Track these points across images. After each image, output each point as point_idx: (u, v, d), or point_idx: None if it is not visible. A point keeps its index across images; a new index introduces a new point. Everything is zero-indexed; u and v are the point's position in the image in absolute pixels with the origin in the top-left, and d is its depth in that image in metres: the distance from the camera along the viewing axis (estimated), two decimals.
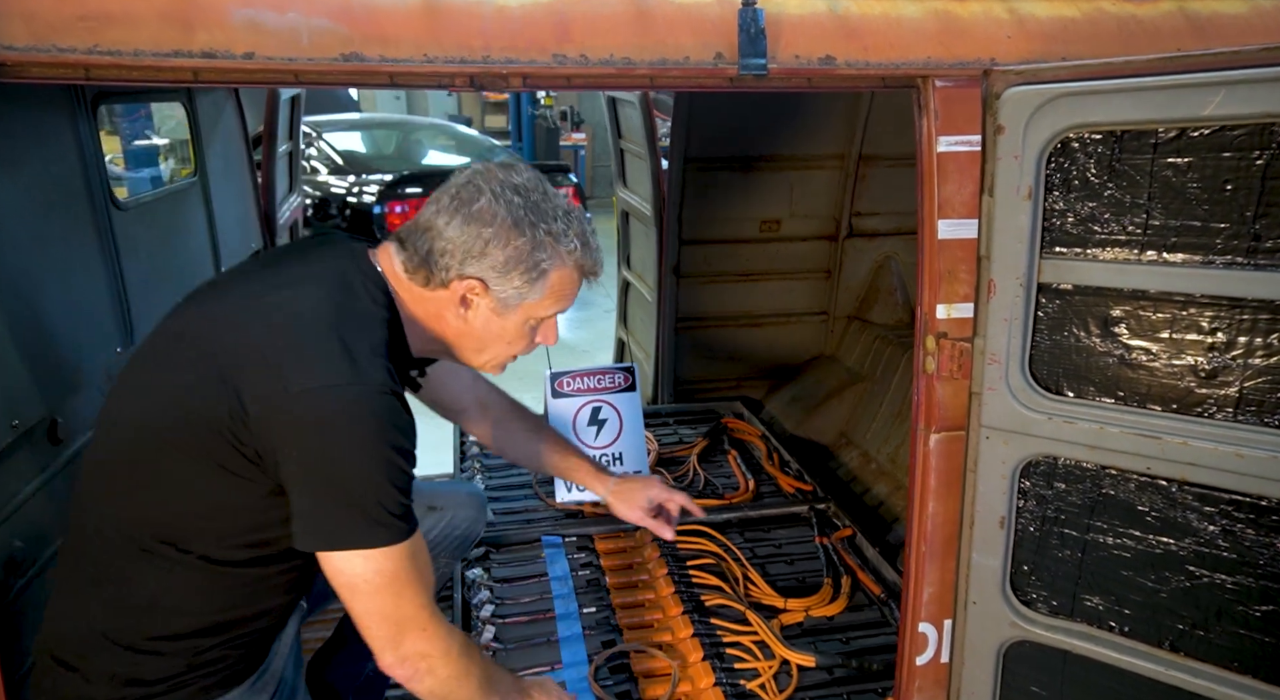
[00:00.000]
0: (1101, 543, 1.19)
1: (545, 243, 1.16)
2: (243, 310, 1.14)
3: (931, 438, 1.34)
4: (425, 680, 1.15)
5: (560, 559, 2.18)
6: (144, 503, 1.11)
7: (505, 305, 1.19)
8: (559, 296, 1.22)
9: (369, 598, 1.09)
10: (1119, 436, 1.11)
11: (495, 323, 1.21)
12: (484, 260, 1.15)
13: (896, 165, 3.23)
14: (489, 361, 1.27)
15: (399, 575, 1.09)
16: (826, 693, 1.70)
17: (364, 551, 1.07)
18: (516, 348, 1.26)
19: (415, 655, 1.13)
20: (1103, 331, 1.11)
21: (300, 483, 1.06)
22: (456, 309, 1.19)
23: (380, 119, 9.94)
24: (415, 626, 1.12)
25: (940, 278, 1.28)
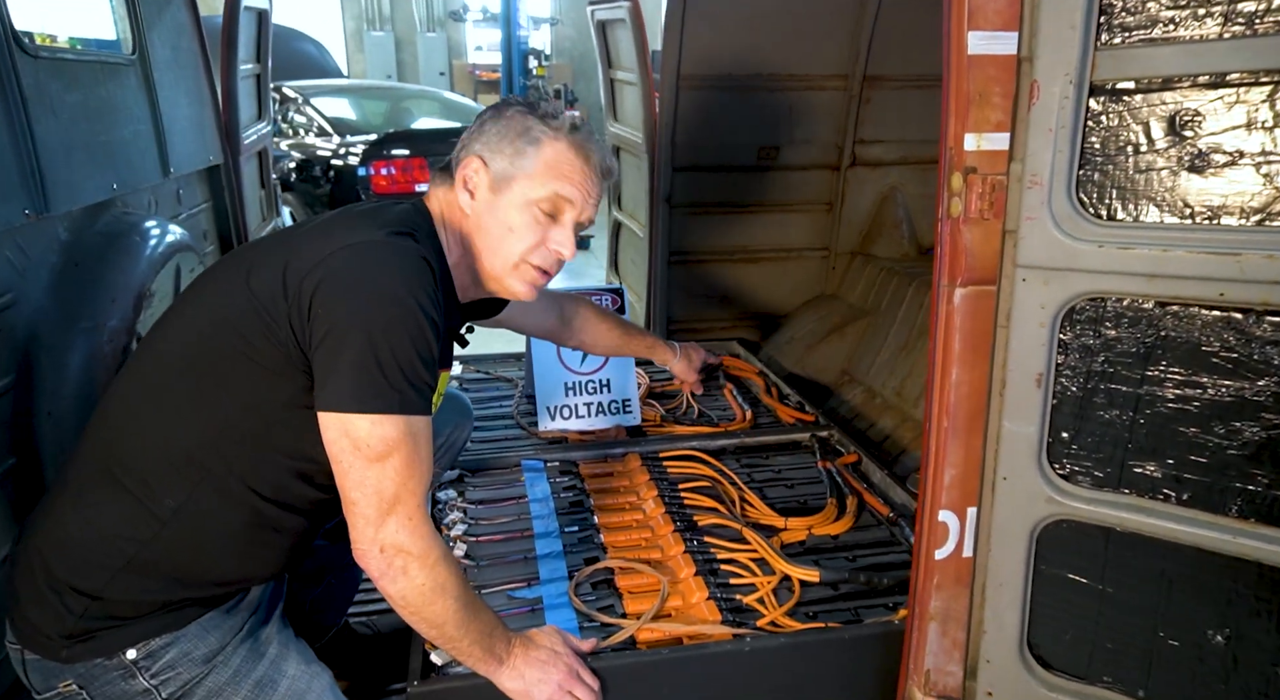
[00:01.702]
0: (1157, 397, 1.02)
1: (537, 120, 1.23)
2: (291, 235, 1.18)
3: (956, 294, 1.16)
4: (398, 581, 1.09)
5: (541, 482, 2.01)
6: (188, 421, 1.09)
7: (501, 180, 1.22)
8: (556, 174, 1.22)
9: (365, 467, 1.04)
10: (1186, 259, 0.94)
11: (498, 207, 1.22)
12: (481, 137, 1.25)
13: (904, 87, 3.05)
14: (506, 264, 1.24)
15: (401, 450, 1.06)
16: (832, 607, 1.54)
17: (374, 416, 1.03)
18: (526, 240, 1.23)
19: (393, 547, 1.07)
20: (1169, 134, 0.94)
21: (325, 338, 1.03)
22: (462, 195, 1.24)
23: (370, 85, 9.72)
24: (403, 513, 1.07)
25: (969, 102, 1.10)
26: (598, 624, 1.47)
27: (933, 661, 1.31)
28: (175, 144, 2.06)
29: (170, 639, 1.10)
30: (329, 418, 1.05)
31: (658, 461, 2.11)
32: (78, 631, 1.07)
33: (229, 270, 1.16)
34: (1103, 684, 1.13)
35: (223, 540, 1.12)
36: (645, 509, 1.87)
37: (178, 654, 1.10)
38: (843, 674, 1.41)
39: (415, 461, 1.07)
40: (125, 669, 1.08)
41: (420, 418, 1.08)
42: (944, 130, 1.14)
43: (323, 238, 1.11)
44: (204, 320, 1.11)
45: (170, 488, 1.08)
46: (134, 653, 1.08)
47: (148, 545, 1.08)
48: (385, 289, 1.04)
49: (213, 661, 1.12)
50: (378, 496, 1.06)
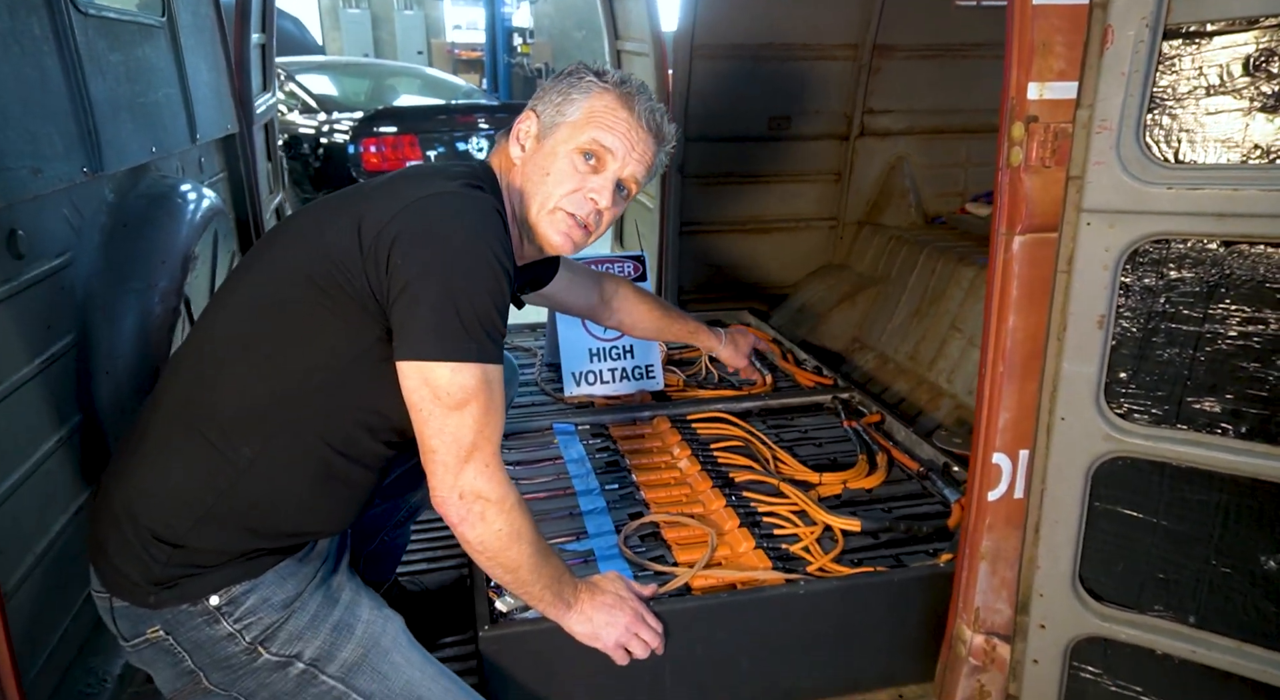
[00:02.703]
0: (1218, 334, 1.06)
1: (593, 75, 1.25)
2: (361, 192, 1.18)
3: (1016, 241, 1.20)
4: (476, 526, 1.11)
5: (575, 443, 2.04)
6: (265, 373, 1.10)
7: (548, 128, 1.23)
8: (597, 121, 1.21)
9: (445, 415, 1.06)
10: (1257, 197, 0.98)
11: (540, 153, 1.23)
12: (540, 95, 1.27)
13: (912, 57, 3.08)
14: (542, 208, 1.23)
15: (480, 398, 1.07)
16: (874, 555, 1.58)
17: (453, 364, 1.04)
18: (563, 184, 1.22)
19: (472, 494, 1.09)
20: (1243, 75, 0.97)
21: (404, 290, 1.03)
22: (515, 149, 1.25)
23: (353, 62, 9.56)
24: (480, 460, 1.09)
25: (1032, 51, 1.13)
26: (651, 573, 1.50)
27: (982, 600, 1.36)
28: (200, 110, 2.03)
29: (250, 586, 1.12)
30: (409, 366, 1.05)
31: (686, 423, 2.14)
32: (163, 579, 1.08)
33: (299, 227, 1.16)
34: (1154, 612, 1.18)
35: (295, 491, 1.13)
36: (681, 467, 1.90)
37: (257, 600, 1.12)
38: (893, 615, 1.45)
39: (492, 409, 1.08)
40: (209, 614, 1.10)
41: (495, 366, 1.09)
42: (1006, 80, 1.16)
43: (396, 192, 1.11)
44: (279, 275, 1.12)
45: (247, 438, 1.09)
46: (216, 599, 1.10)
47: (225, 495, 1.09)
48: (462, 238, 1.05)
49: (291, 607, 1.14)
50: (456, 444, 1.07)
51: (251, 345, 1.11)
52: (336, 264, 1.07)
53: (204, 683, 1.12)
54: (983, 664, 1.36)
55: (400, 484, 1.60)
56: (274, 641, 1.12)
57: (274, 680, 1.13)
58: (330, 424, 1.13)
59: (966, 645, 1.36)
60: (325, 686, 1.14)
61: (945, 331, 2.60)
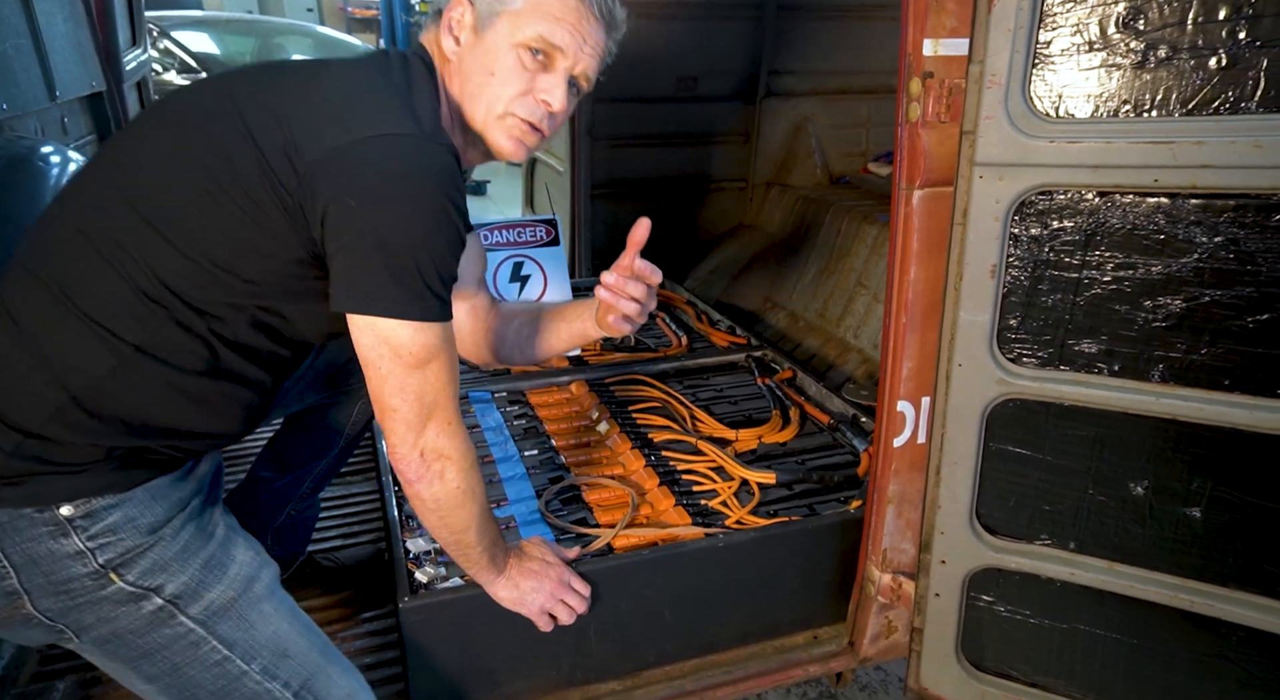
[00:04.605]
0: (1094, 279, 1.13)
1: None
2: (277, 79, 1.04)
3: (915, 195, 1.24)
4: (434, 484, 1.08)
5: (492, 412, 2.01)
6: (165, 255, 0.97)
7: (485, 19, 1.09)
8: (543, 13, 1.08)
9: (407, 373, 1.01)
10: (1126, 149, 1.04)
11: (479, 50, 1.09)
12: None
13: (814, 18, 3.12)
14: (490, 113, 1.10)
15: (442, 355, 1.03)
16: (789, 506, 1.64)
17: (418, 323, 0.99)
18: (509, 86, 1.09)
19: (434, 451, 1.06)
20: (1118, 32, 1.03)
21: (352, 237, 0.95)
22: (448, 43, 1.11)
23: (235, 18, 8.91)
24: (443, 417, 1.06)
25: (926, 8, 1.16)
26: (573, 535, 1.51)
27: (889, 541, 1.43)
28: (58, 65, 1.84)
29: (114, 500, 0.98)
30: (363, 321, 0.99)
31: (604, 387, 2.15)
32: (6, 473, 0.93)
33: (216, 105, 1.01)
34: (1040, 541, 1.27)
35: (180, 385, 1.01)
36: (600, 430, 1.91)
37: (121, 518, 0.98)
38: (807, 562, 1.51)
39: (452, 366, 1.06)
40: (57, 525, 0.95)
41: (451, 321, 1.05)
42: (903, 37, 1.19)
43: (337, 117, 0.97)
44: (197, 155, 0.98)
45: (133, 322, 0.97)
46: (69, 509, 0.95)
47: (100, 382, 0.96)
48: (424, 194, 0.96)
49: (159, 533, 1.01)
50: (419, 402, 1.03)
51: (155, 224, 0.97)
52: (269, 173, 0.95)
53: (27, 607, 0.96)
54: (890, 602, 1.43)
55: (303, 453, 1.54)
56: (131, 568, 0.99)
57: (120, 614, 0.99)
58: (227, 318, 1.02)
59: (875, 585, 1.44)
60: (182, 628, 1.01)
61: (852, 288, 2.69)
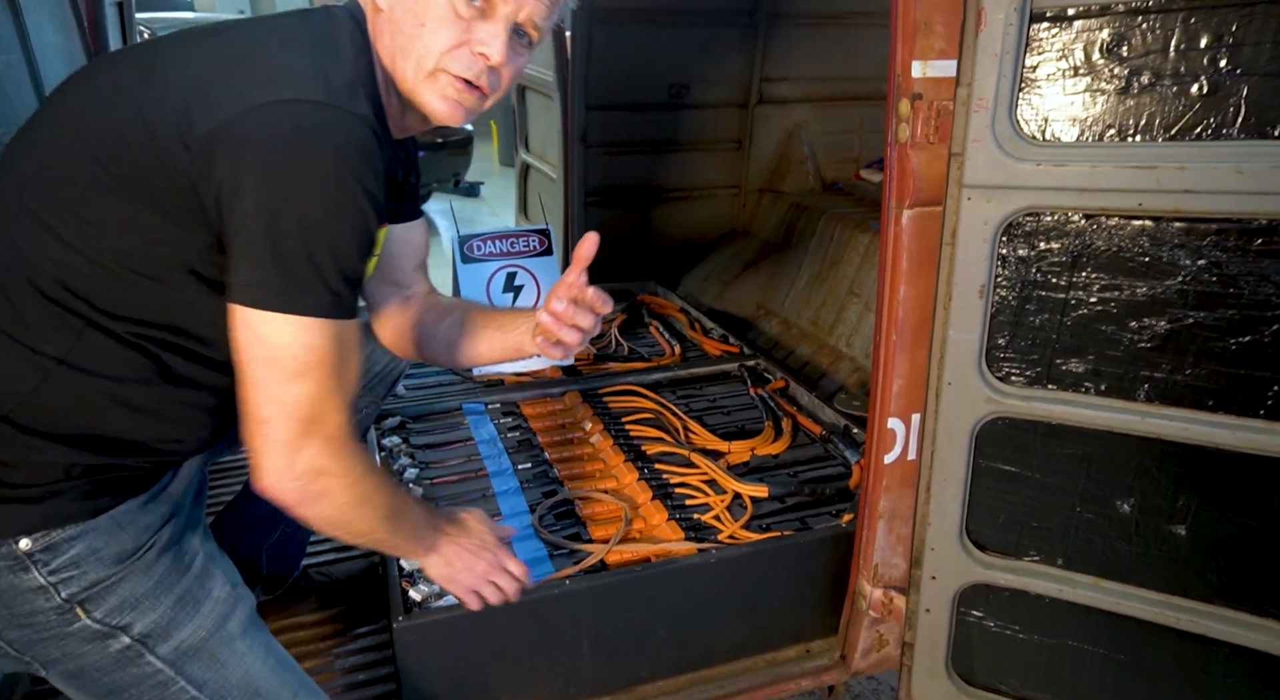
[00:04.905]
0: (1081, 300, 1.15)
1: None
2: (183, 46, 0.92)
3: (905, 214, 1.25)
4: (319, 505, 0.94)
5: (486, 424, 2.01)
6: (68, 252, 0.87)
7: None
8: None
9: (283, 383, 0.87)
10: (1111, 174, 1.05)
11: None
12: None
13: (805, 24, 3.12)
14: (420, 69, 0.96)
15: (329, 362, 0.88)
16: (781, 519, 1.65)
17: (299, 319, 0.85)
18: (441, 37, 0.94)
19: (311, 471, 0.91)
20: (1100, 59, 1.04)
21: (241, 219, 0.83)
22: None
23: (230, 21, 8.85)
24: (323, 435, 0.90)
25: (914, 30, 1.17)
26: (567, 551, 1.52)
27: (880, 557, 1.44)
28: (50, 78, 1.83)
29: (76, 531, 0.91)
30: (240, 315, 0.86)
31: (598, 398, 2.15)
32: None
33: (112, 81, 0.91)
34: (1029, 558, 1.29)
35: (123, 397, 0.92)
36: (593, 442, 1.92)
37: (84, 550, 0.92)
38: (799, 576, 1.52)
39: (343, 372, 0.90)
40: (16, 559, 0.89)
41: (351, 321, 0.91)
42: (892, 58, 1.20)
43: (238, 77, 0.86)
44: (88, 144, 0.88)
45: (53, 334, 0.88)
46: (28, 543, 0.89)
47: (32, 400, 0.88)
48: (325, 169, 0.84)
49: (127, 564, 0.94)
50: (296, 418, 0.88)
51: (51, 228, 0.87)
52: (161, 151, 0.84)
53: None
54: (881, 616, 1.45)
55: None
56: (99, 604, 0.93)
57: (86, 652, 0.94)
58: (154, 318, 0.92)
59: (867, 599, 1.45)
60: (150, 669, 0.96)
61: (844, 297, 2.70)
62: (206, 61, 0.88)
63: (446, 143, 6.62)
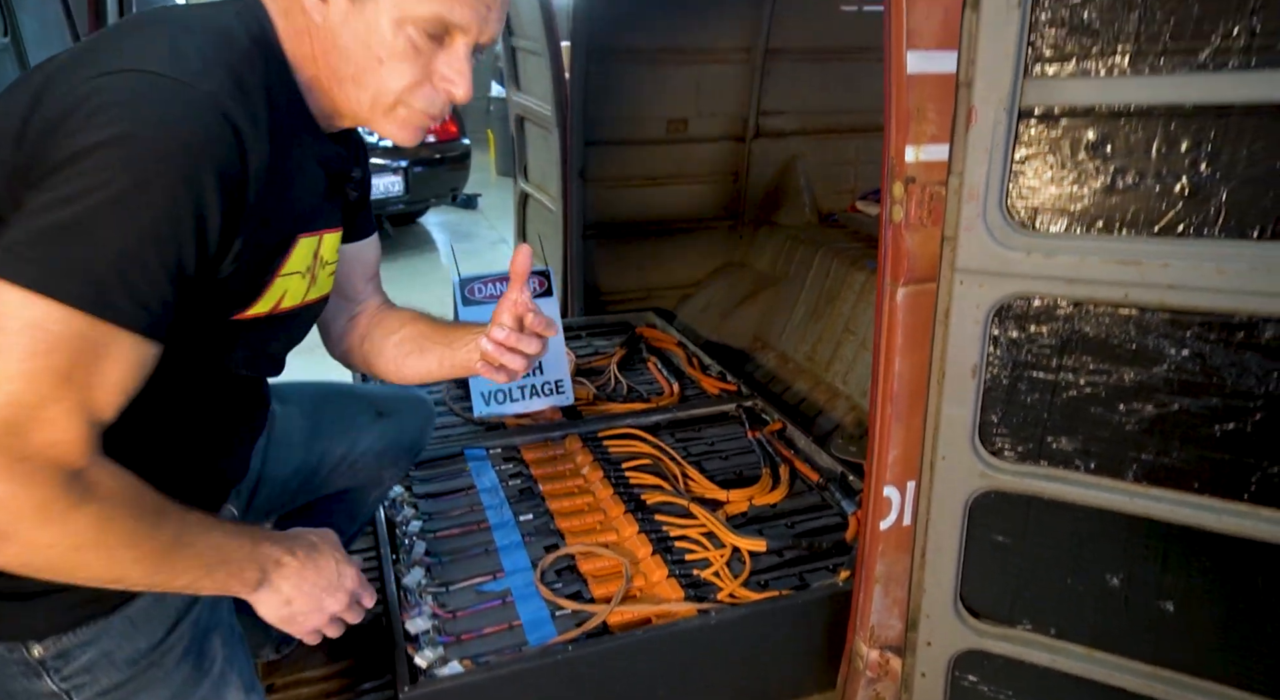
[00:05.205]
0: (1071, 382, 1.18)
1: None
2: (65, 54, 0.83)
3: (899, 292, 1.28)
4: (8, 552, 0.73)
5: (487, 471, 2.04)
6: None
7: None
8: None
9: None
10: (1098, 266, 1.08)
11: (357, 22, 0.85)
12: None
13: (802, 60, 3.16)
14: (376, 104, 0.90)
15: (59, 358, 0.70)
16: (779, 574, 1.68)
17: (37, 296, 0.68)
18: (402, 76, 0.88)
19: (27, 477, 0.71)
20: (1086, 156, 1.07)
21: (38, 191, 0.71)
22: (316, 10, 0.86)
23: None
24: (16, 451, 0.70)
25: (908, 117, 1.20)
26: (569, 612, 1.54)
27: (877, 618, 1.47)
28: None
29: (89, 635, 0.88)
30: None
31: (597, 441, 2.18)
32: None
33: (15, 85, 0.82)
34: (1022, 626, 1.32)
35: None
36: (594, 491, 1.94)
37: (97, 654, 0.89)
38: (798, 635, 1.55)
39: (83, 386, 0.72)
40: (29, 665, 0.87)
41: (129, 336, 0.74)
42: (886, 142, 1.23)
43: (97, 54, 0.77)
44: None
45: None
46: (40, 650, 0.87)
47: None
48: (137, 157, 0.71)
49: (142, 665, 0.91)
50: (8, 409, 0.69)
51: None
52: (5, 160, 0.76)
53: None
54: (878, 676, 1.47)
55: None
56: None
57: None
58: None
59: (864, 659, 1.47)
60: None
61: (840, 334, 2.73)
62: (76, 50, 0.81)
63: (445, 158, 6.65)
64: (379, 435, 1.44)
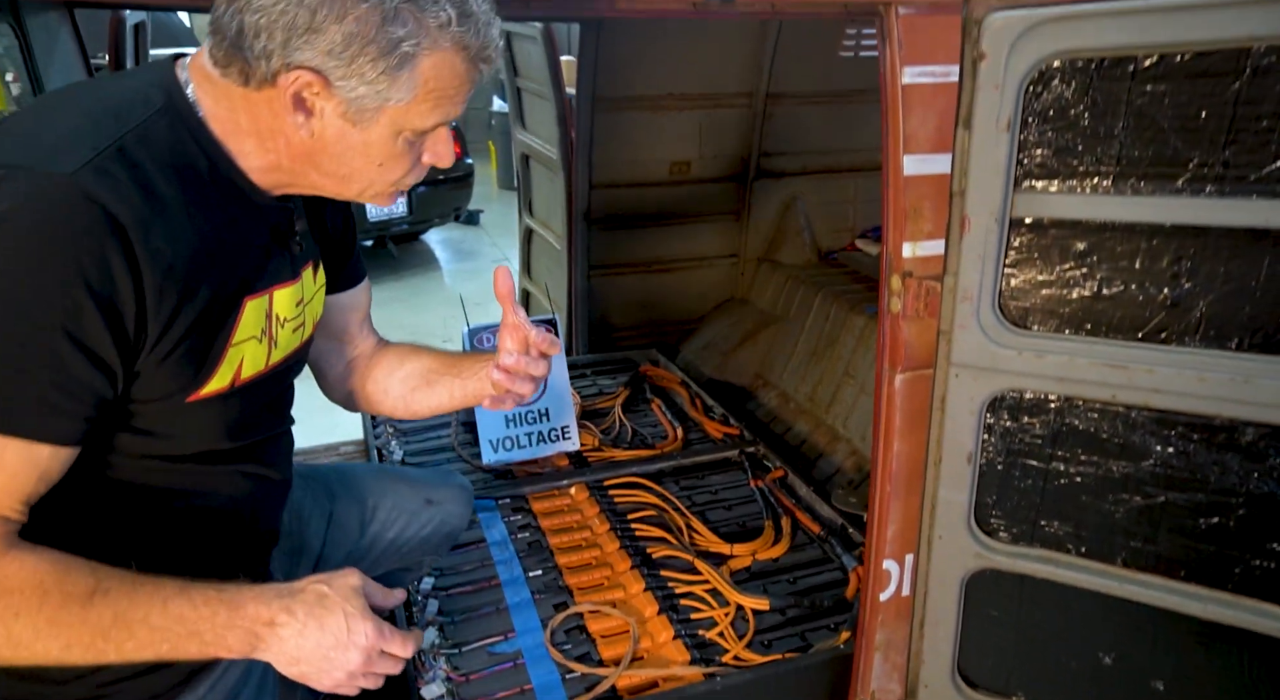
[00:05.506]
0: (1062, 471, 1.23)
1: (402, 12, 0.79)
2: None
3: (897, 378, 1.33)
4: None
5: (497, 523, 2.09)
6: None
7: (360, 110, 0.84)
8: (440, 97, 0.85)
9: None
10: (1087, 367, 1.14)
11: (353, 136, 0.86)
12: (315, 40, 0.79)
13: (803, 103, 3.22)
14: (366, 191, 0.93)
15: None
16: (782, 634, 1.73)
17: None
18: (395, 171, 0.90)
19: None
20: (1074, 265, 1.13)
21: None
22: (294, 117, 0.84)
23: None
24: None
25: (905, 215, 1.26)
26: (579, 674, 1.59)
27: (877, 684, 1.52)
28: None
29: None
30: None
31: (603, 490, 2.23)
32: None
33: None
34: (1017, 697, 1.37)
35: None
36: (601, 544, 1.99)
37: None
38: (801, 695, 1.60)
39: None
40: None
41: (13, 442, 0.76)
42: (885, 238, 1.28)
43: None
44: None
45: None
46: None
47: None
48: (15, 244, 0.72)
49: None
50: None
51: None
52: None
53: None
54: None
55: None
56: None
57: None
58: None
59: None
60: None
61: (840, 377, 2.78)
62: None
63: (448, 178, 6.71)
64: (426, 522, 1.47)
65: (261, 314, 0.94)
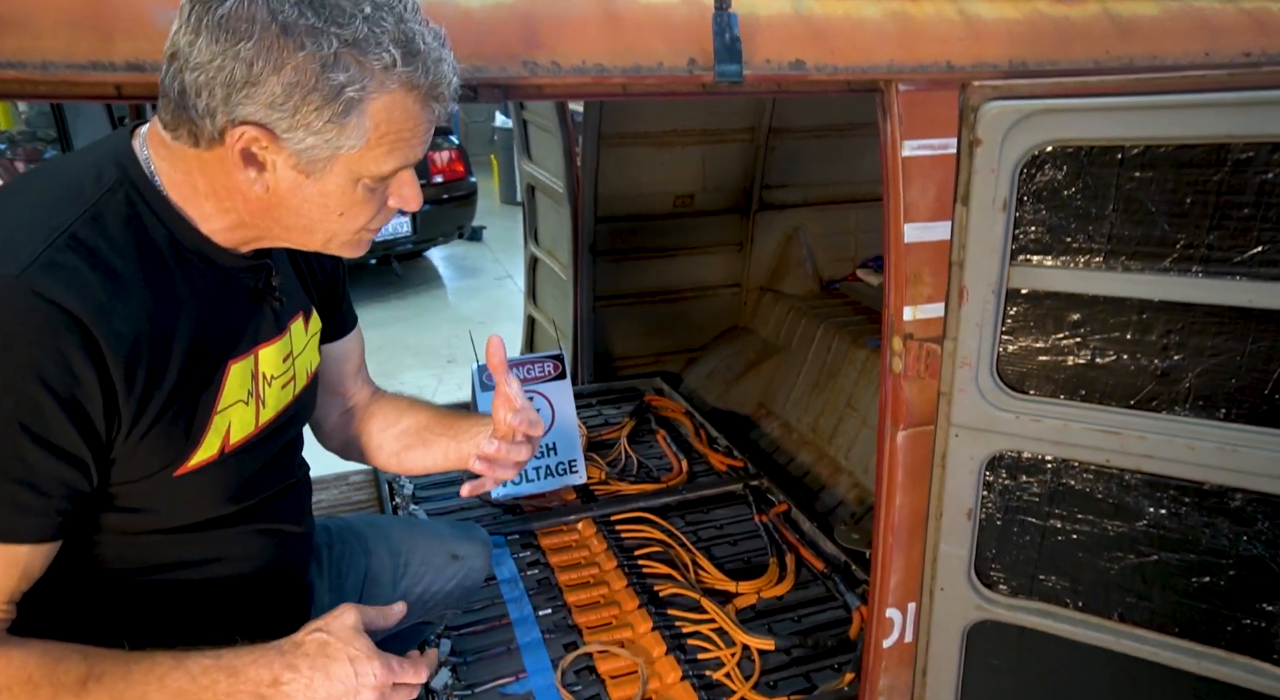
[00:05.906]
0: (1059, 528, 1.28)
1: (343, 57, 0.76)
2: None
3: (900, 434, 1.38)
4: None
5: (506, 560, 2.13)
6: None
7: (312, 161, 0.81)
8: (395, 141, 0.82)
9: None
10: (1081, 432, 1.19)
11: (308, 188, 0.83)
12: (255, 93, 0.76)
13: (804, 137, 3.29)
14: (332, 241, 0.91)
15: None
16: (787, 674, 1.77)
17: None
18: (358, 219, 0.88)
19: None
20: (1068, 334, 1.17)
21: None
22: (245, 172, 0.82)
23: None
24: None
25: (906, 280, 1.30)
26: None
27: None
28: None
29: None
30: None
31: (610, 526, 2.28)
32: None
33: None
34: None
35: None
36: (609, 582, 2.03)
37: None
38: None
39: None
40: None
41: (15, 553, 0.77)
42: (886, 301, 1.33)
43: None
44: None
45: None
46: None
47: None
48: None
49: None
50: None
51: None
52: None
53: None
54: None
55: None
56: None
57: None
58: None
59: None
60: None
61: (842, 409, 2.83)
62: None
63: (452, 197, 6.78)
64: (451, 577, 1.50)
65: (247, 375, 0.93)
